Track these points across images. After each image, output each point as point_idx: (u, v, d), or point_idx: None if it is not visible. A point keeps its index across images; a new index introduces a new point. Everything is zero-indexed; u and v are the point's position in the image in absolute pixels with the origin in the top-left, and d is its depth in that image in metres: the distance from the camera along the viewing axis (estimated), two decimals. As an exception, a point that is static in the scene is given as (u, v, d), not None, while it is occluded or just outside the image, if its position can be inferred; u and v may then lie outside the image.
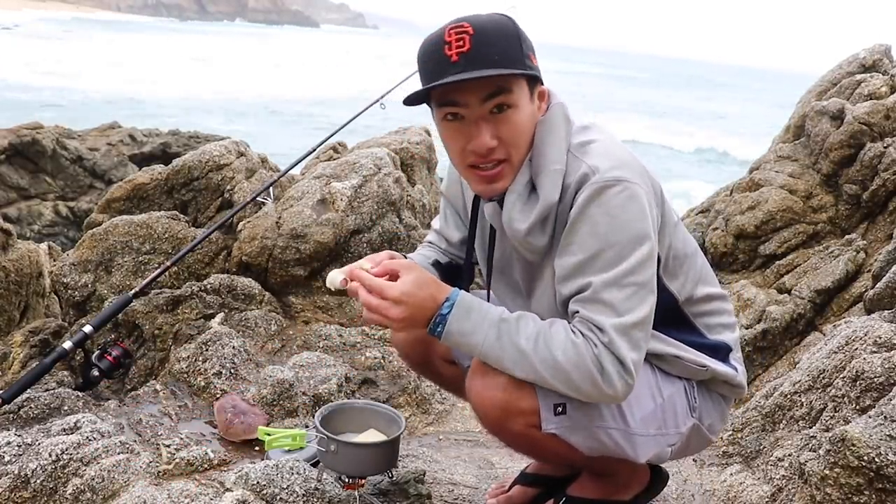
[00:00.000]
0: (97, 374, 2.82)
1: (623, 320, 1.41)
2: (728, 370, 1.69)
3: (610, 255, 1.42)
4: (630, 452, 1.60)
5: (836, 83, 4.81)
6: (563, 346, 1.41)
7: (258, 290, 3.34)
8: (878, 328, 2.23)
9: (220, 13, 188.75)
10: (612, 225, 1.42)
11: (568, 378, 1.42)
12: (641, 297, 1.44)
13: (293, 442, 2.17)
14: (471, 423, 2.90)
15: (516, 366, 1.45)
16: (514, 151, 1.51)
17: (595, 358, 1.40)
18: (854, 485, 1.75)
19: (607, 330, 1.40)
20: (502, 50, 1.45)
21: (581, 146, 1.52)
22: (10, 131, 11.31)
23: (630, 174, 1.45)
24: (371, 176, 3.78)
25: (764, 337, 3.70)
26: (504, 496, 1.97)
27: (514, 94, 1.47)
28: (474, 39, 1.44)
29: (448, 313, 1.46)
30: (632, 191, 1.43)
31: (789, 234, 4.17)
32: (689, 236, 1.67)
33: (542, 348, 1.42)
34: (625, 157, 1.49)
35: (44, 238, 9.70)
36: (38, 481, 1.92)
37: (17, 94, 32.13)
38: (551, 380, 1.43)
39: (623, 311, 1.42)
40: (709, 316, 1.69)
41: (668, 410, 1.63)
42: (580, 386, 1.42)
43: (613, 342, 1.40)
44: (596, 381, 1.40)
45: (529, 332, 1.44)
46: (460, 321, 1.46)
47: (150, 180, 3.96)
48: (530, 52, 1.50)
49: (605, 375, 1.40)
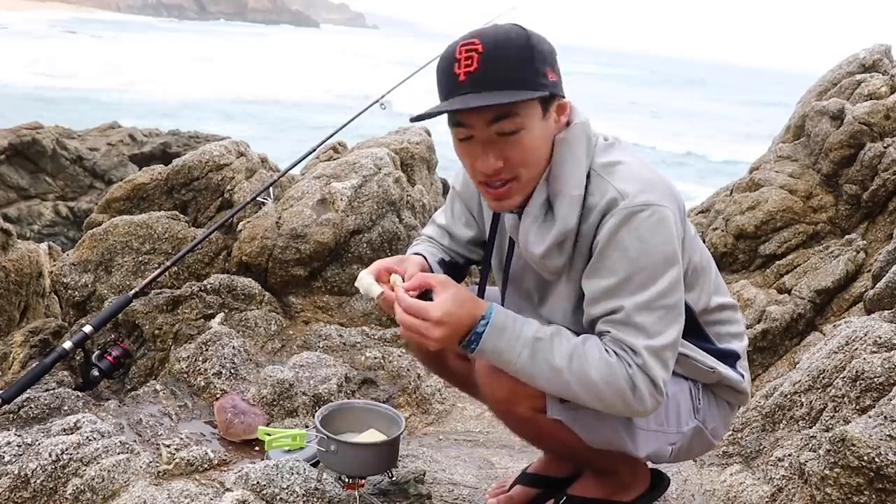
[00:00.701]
0: (97, 374, 2.82)
1: (655, 343, 1.44)
2: (735, 375, 1.70)
3: (641, 279, 1.44)
4: (630, 445, 1.61)
5: (836, 83, 4.82)
6: (597, 365, 1.43)
7: (258, 290, 3.34)
8: (878, 328, 2.23)
9: (221, 13, 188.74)
10: (642, 249, 1.44)
11: (600, 395, 1.44)
12: (671, 319, 1.46)
13: (293, 442, 2.17)
14: (471, 423, 2.90)
15: (549, 383, 1.47)
16: (524, 171, 1.51)
17: (629, 378, 1.43)
18: (854, 485, 1.75)
19: (640, 352, 1.43)
20: (510, 71, 1.42)
21: (607, 167, 1.51)
22: (10, 131, 11.32)
23: (658, 197, 1.46)
24: (371, 176, 3.78)
25: (764, 337, 3.70)
26: (504, 496, 1.97)
27: (521, 117, 1.45)
28: (483, 58, 1.42)
29: (483, 332, 1.47)
30: (661, 214, 1.45)
31: (789, 234, 4.17)
32: (704, 248, 1.68)
33: (577, 367, 1.44)
34: (652, 179, 1.49)
35: (44, 238, 9.71)
36: (38, 481, 1.92)
37: (17, 95, 32.14)
38: (583, 395, 1.46)
39: (654, 334, 1.44)
40: (720, 325, 1.70)
41: (672, 409, 1.64)
42: (613, 403, 1.45)
43: (647, 364, 1.43)
44: (628, 400, 1.44)
45: (564, 351, 1.45)
46: (494, 340, 1.47)
47: (150, 180, 3.96)
48: (547, 67, 1.46)
49: (637, 394, 1.43)
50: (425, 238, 1.92)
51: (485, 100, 1.41)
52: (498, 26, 1.49)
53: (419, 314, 1.47)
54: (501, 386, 1.56)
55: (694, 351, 1.65)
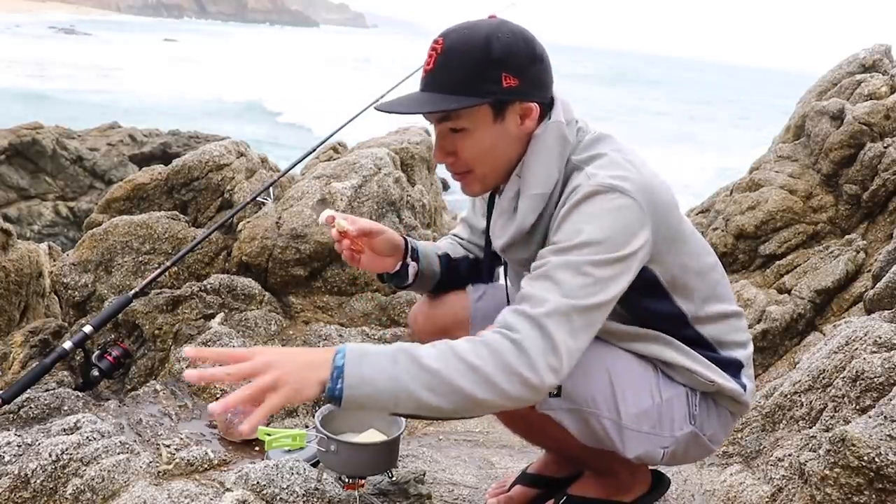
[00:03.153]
0: (97, 374, 2.82)
1: (566, 301, 1.31)
2: (735, 387, 1.66)
3: (580, 248, 1.37)
4: (619, 445, 1.59)
5: (836, 83, 4.81)
6: (472, 349, 1.28)
7: (258, 290, 3.34)
8: (878, 328, 2.23)
9: (221, 13, 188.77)
10: (592, 223, 1.38)
11: (487, 377, 1.25)
12: (596, 290, 1.34)
13: (293, 442, 2.17)
14: (471, 423, 2.90)
15: (433, 391, 1.25)
16: (477, 167, 1.55)
17: (512, 343, 1.27)
18: (854, 485, 1.75)
19: (546, 303, 1.30)
20: (457, 76, 1.46)
21: (588, 160, 1.51)
22: (10, 131, 11.33)
23: (627, 187, 1.41)
24: (371, 176, 3.78)
25: (764, 337, 3.69)
26: (504, 496, 1.97)
27: (465, 119, 1.49)
28: (438, 59, 1.48)
29: (342, 364, 1.24)
30: (622, 202, 1.39)
31: (789, 234, 4.17)
32: (706, 252, 1.64)
33: (452, 358, 1.26)
34: (629, 172, 1.45)
35: (44, 238, 9.71)
36: (38, 481, 1.92)
37: (17, 95, 32.13)
38: (472, 387, 1.25)
39: (569, 294, 1.31)
40: (721, 333, 1.67)
41: (665, 412, 1.62)
42: (501, 383, 1.26)
43: (548, 316, 1.28)
44: (515, 369, 1.25)
45: (432, 352, 1.28)
46: (358, 365, 1.24)
47: (150, 180, 3.96)
48: (504, 73, 1.46)
49: (525, 357, 1.26)
50: (450, 235, 1.97)
51: (421, 106, 1.50)
52: (470, 25, 1.51)
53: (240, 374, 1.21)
54: None
55: (695, 363, 1.62)
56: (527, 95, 1.51)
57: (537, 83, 1.52)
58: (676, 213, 1.54)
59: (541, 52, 1.52)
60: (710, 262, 1.66)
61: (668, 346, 1.61)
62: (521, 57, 1.49)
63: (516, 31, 1.50)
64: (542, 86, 1.53)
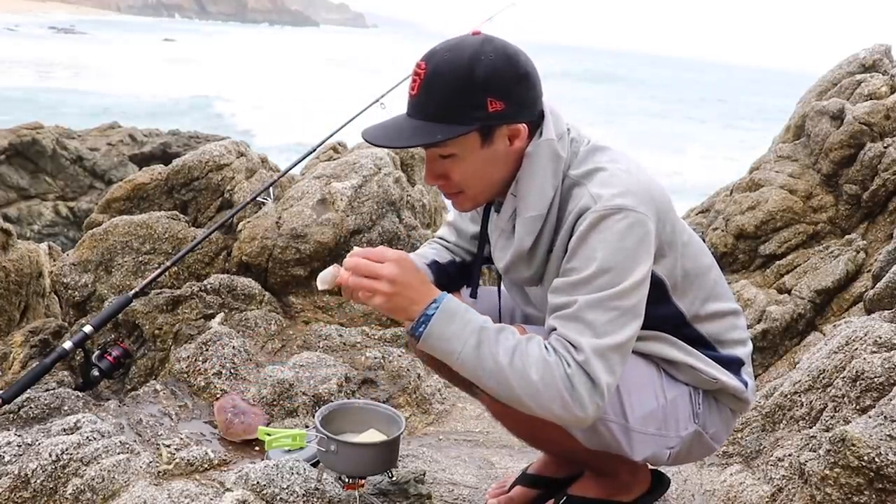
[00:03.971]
0: (97, 374, 2.82)
1: (601, 342, 1.38)
2: (738, 384, 1.68)
3: (602, 280, 1.41)
4: (626, 448, 1.59)
5: (836, 83, 4.82)
6: (536, 363, 1.38)
7: (258, 290, 3.34)
8: (878, 328, 2.23)
9: (221, 13, 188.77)
10: (608, 251, 1.41)
11: (538, 396, 1.38)
12: (624, 322, 1.41)
13: (293, 442, 2.17)
14: (471, 423, 2.90)
15: (491, 377, 1.40)
16: (468, 187, 1.56)
17: (566, 377, 1.37)
18: (854, 485, 1.75)
19: (584, 349, 1.38)
20: (440, 103, 1.46)
21: (586, 175, 1.51)
22: (10, 131, 11.33)
23: (633, 202, 1.43)
24: (371, 176, 3.78)
25: (764, 337, 3.70)
26: (505, 496, 1.97)
27: (452, 146, 1.49)
28: (422, 85, 1.48)
29: (433, 314, 1.43)
30: (633, 218, 1.42)
31: (789, 234, 4.17)
32: (703, 253, 1.65)
33: (518, 363, 1.39)
34: (631, 185, 1.46)
35: (44, 238, 9.71)
36: (38, 481, 1.92)
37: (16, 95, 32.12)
38: (523, 396, 1.39)
39: (602, 333, 1.39)
40: (720, 332, 1.68)
41: (670, 413, 1.63)
42: (549, 405, 1.38)
43: (588, 362, 1.37)
44: (565, 401, 1.37)
45: (508, 345, 1.40)
46: (443, 324, 1.42)
47: (150, 180, 3.96)
48: (489, 97, 1.45)
49: (574, 395, 1.37)
50: (434, 239, 1.96)
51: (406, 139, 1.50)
52: (452, 47, 1.48)
53: (369, 270, 1.47)
54: None
55: (698, 360, 1.63)
56: (513, 117, 1.49)
57: (524, 102, 1.50)
58: (673, 215, 1.55)
59: (525, 70, 1.49)
60: (707, 262, 1.66)
61: (671, 344, 1.61)
62: (505, 78, 1.46)
63: (499, 50, 1.47)
64: (529, 104, 1.51)
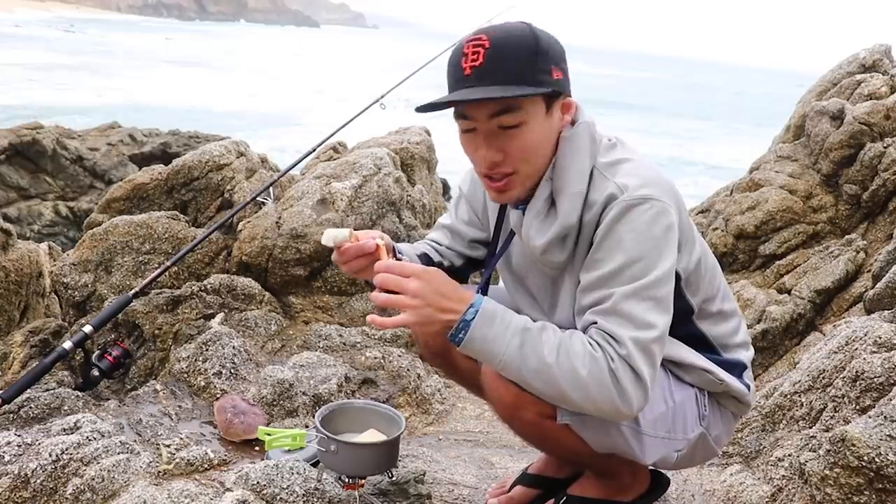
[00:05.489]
0: (97, 374, 2.82)
1: (642, 335, 1.40)
2: (741, 387, 1.69)
3: (634, 270, 1.42)
4: (638, 452, 1.60)
5: (836, 83, 4.82)
6: (582, 359, 1.39)
7: (258, 290, 3.34)
8: (878, 328, 2.23)
9: (221, 13, 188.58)
10: (637, 241, 1.43)
11: (587, 392, 1.39)
12: (659, 311, 1.43)
13: (293, 442, 2.17)
14: (471, 423, 2.90)
15: (537, 376, 1.41)
16: (523, 166, 1.52)
17: (612, 372, 1.38)
18: (854, 485, 1.75)
19: (626, 342, 1.39)
20: (515, 66, 1.44)
21: (610, 165, 1.52)
22: (10, 131, 11.31)
23: (658, 192, 1.46)
24: (371, 176, 3.78)
25: (764, 337, 3.69)
26: (505, 496, 1.97)
27: (523, 111, 1.46)
28: (488, 54, 1.44)
29: (472, 319, 1.42)
30: (659, 208, 1.44)
31: (789, 234, 4.17)
32: (708, 252, 1.68)
33: (564, 360, 1.40)
34: (652, 176, 1.49)
35: (44, 238, 9.70)
36: (38, 481, 1.92)
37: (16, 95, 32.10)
38: (570, 392, 1.40)
39: (642, 325, 1.41)
40: (724, 335, 1.70)
41: (679, 415, 1.64)
42: (597, 400, 1.39)
43: (631, 355, 1.39)
44: (612, 397, 1.39)
45: (553, 343, 1.41)
46: (484, 327, 1.42)
47: (150, 180, 3.96)
48: (552, 65, 1.47)
49: (621, 389, 1.38)
50: (426, 241, 1.93)
51: (486, 93, 1.43)
52: (507, 24, 1.50)
53: (396, 285, 1.43)
54: (508, 390, 1.54)
55: (707, 362, 1.64)
56: (567, 90, 1.53)
57: (569, 80, 1.54)
58: (686, 211, 1.58)
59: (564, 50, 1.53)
60: (711, 261, 1.69)
61: (679, 346, 1.63)
62: (559, 52, 1.50)
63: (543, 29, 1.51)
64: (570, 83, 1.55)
